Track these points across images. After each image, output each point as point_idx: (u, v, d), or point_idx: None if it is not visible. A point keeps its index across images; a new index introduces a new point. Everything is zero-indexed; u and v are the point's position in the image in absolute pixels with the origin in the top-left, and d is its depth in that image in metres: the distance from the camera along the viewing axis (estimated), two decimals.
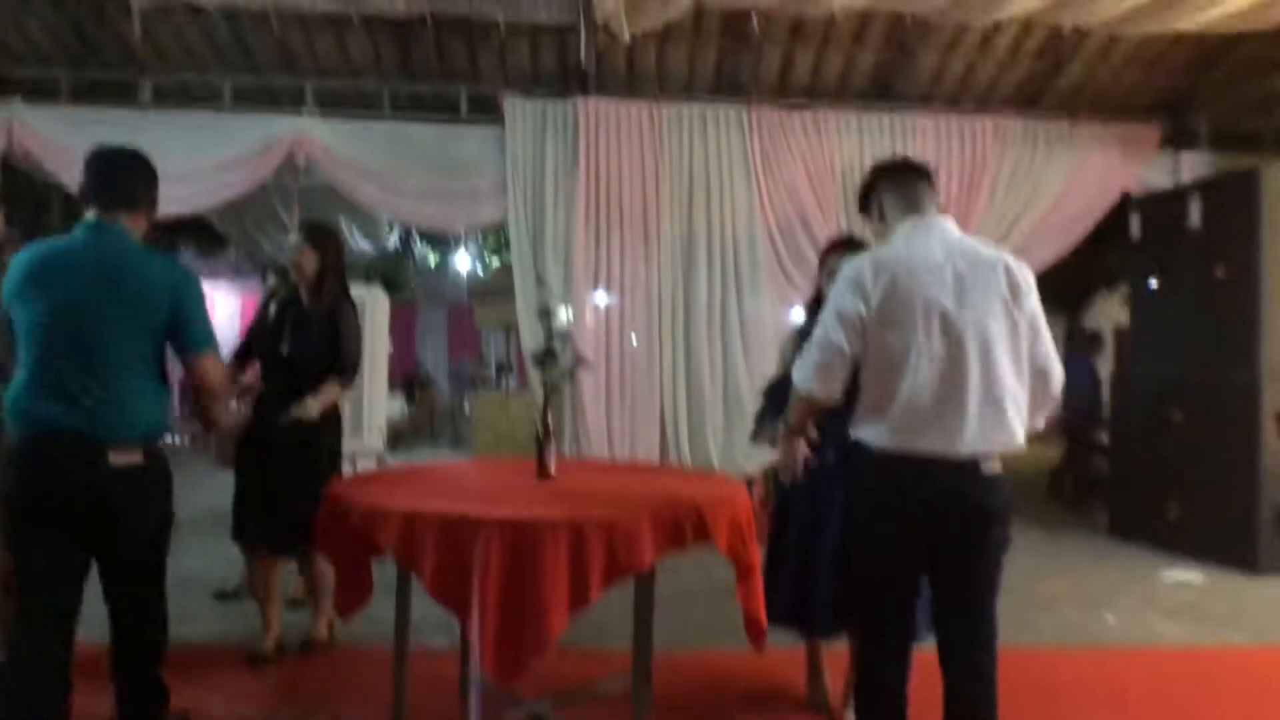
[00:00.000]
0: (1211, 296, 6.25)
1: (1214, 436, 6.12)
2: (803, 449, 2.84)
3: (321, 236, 3.88)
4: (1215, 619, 4.82)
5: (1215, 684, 3.86)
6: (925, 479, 2.33)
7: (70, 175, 7.16)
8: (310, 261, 3.78)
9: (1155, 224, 6.94)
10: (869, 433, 2.41)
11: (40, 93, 7.12)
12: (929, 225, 2.48)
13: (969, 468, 2.33)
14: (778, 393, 3.35)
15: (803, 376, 2.46)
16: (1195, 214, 6.43)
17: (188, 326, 2.58)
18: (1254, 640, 4.50)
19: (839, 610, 3.03)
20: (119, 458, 2.47)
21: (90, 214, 2.60)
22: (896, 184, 2.59)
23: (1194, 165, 7.67)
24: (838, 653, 3.40)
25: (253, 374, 3.92)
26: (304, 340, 3.74)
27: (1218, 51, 7.42)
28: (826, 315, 2.42)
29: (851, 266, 2.44)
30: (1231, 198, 6.18)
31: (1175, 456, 6.39)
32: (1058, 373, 2.45)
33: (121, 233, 2.59)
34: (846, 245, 3.39)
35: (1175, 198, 6.78)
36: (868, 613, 2.55)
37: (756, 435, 3.56)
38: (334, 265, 3.85)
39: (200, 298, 2.63)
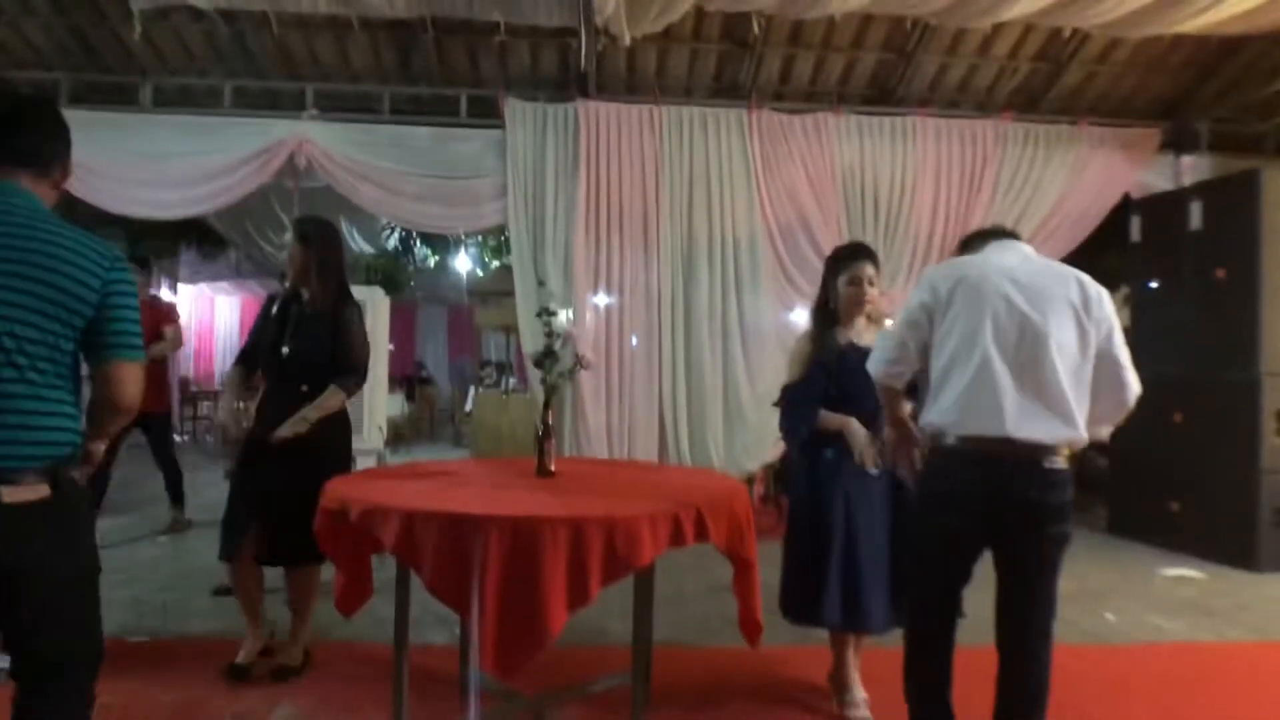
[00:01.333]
0: (1212, 297, 6.27)
1: (1214, 436, 6.14)
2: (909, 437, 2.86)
3: (309, 231, 3.71)
4: (1215, 616, 4.83)
5: (1215, 680, 3.87)
6: (986, 470, 2.44)
7: (71, 180, 7.17)
8: (299, 257, 3.63)
9: (1156, 226, 6.97)
10: (931, 414, 2.56)
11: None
12: (1008, 244, 2.69)
13: (1027, 461, 2.41)
14: (796, 395, 3.38)
15: (873, 366, 2.73)
16: (1195, 216, 6.46)
17: (119, 323, 2.01)
18: (1254, 636, 4.51)
19: (903, 601, 3.05)
20: (17, 494, 1.87)
21: None
22: (980, 238, 2.82)
23: (1194, 168, 7.66)
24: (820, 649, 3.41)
25: (258, 379, 3.79)
26: (304, 339, 3.58)
27: (1218, 55, 7.43)
28: (902, 311, 2.67)
29: (932, 268, 2.74)
30: (1231, 199, 6.20)
31: (1176, 456, 6.41)
32: (1133, 387, 2.53)
33: (26, 195, 2.00)
34: (854, 253, 3.43)
35: (1175, 199, 6.81)
36: (926, 603, 2.68)
37: (786, 436, 3.56)
38: (325, 260, 3.66)
39: (133, 293, 2.07)
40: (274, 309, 3.71)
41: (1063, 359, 2.42)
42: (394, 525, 2.47)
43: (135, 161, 6.77)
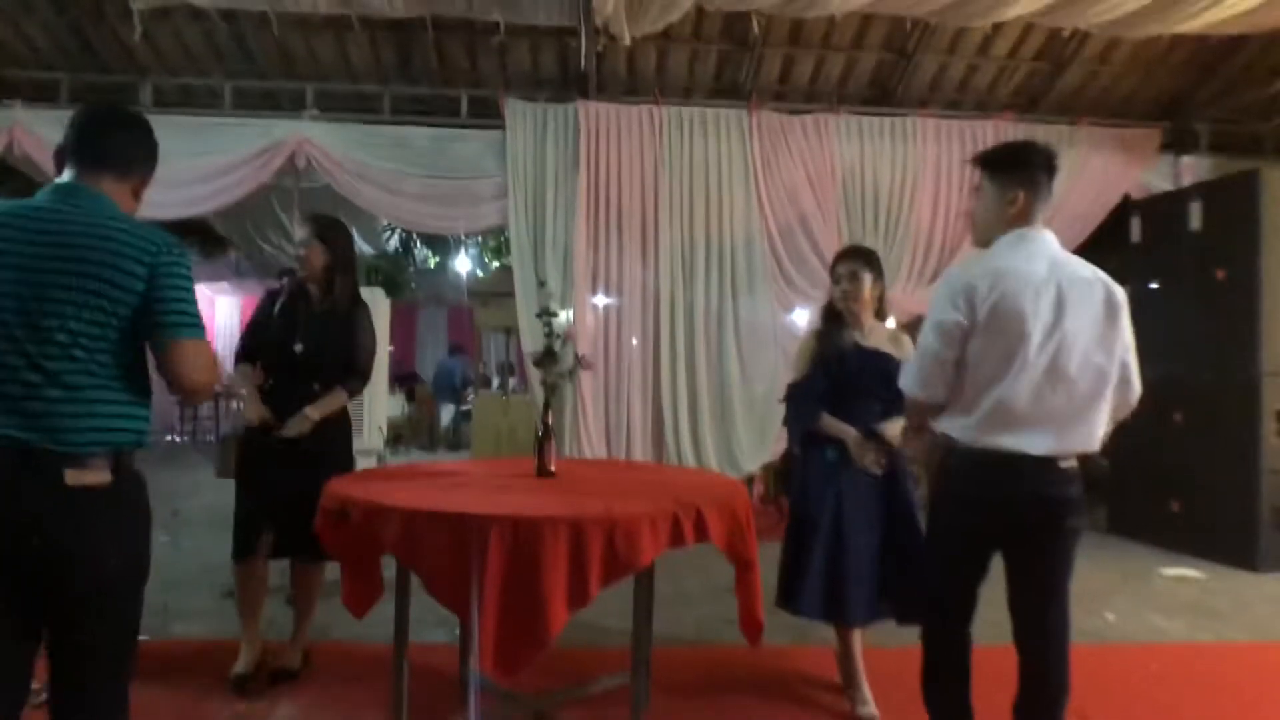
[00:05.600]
0: (1212, 298, 6.27)
1: (1214, 437, 6.14)
2: (928, 441, 2.90)
3: (330, 231, 3.70)
4: (1215, 615, 4.83)
5: (1215, 679, 3.87)
6: (1007, 475, 2.44)
7: None
8: (318, 257, 3.62)
9: (1156, 227, 6.97)
10: (956, 427, 2.52)
11: (40, 96, 7.12)
12: (1034, 239, 2.57)
13: (1048, 463, 2.44)
14: (799, 395, 3.41)
15: (909, 384, 2.61)
16: (1195, 216, 6.46)
17: (167, 303, 1.98)
18: (1254, 636, 4.51)
19: (922, 599, 2.99)
20: (79, 476, 1.90)
21: (66, 175, 2.06)
22: (1035, 186, 2.64)
23: (1194, 168, 7.66)
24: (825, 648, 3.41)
25: (258, 376, 3.69)
26: (319, 339, 3.57)
27: (1218, 55, 7.43)
28: (929, 325, 2.53)
29: (959, 277, 2.52)
30: (1231, 200, 6.20)
31: (1176, 457, 6.41)
32: (1137, 387, 2.57)
33: (96, 197, 2.03)
34: (845, 254, 3.52)
35: (1175, 200, 6.81)
36: (942, 601, 2.65)
37: (788, 432, 3.65)
38: (344, 261, 3.68)
39: (186, 275, 2.04)
40: (277, 306, 3.67)
41: (1090, 375, 2.43)
42: (394, 526, 2.47)
43: None
